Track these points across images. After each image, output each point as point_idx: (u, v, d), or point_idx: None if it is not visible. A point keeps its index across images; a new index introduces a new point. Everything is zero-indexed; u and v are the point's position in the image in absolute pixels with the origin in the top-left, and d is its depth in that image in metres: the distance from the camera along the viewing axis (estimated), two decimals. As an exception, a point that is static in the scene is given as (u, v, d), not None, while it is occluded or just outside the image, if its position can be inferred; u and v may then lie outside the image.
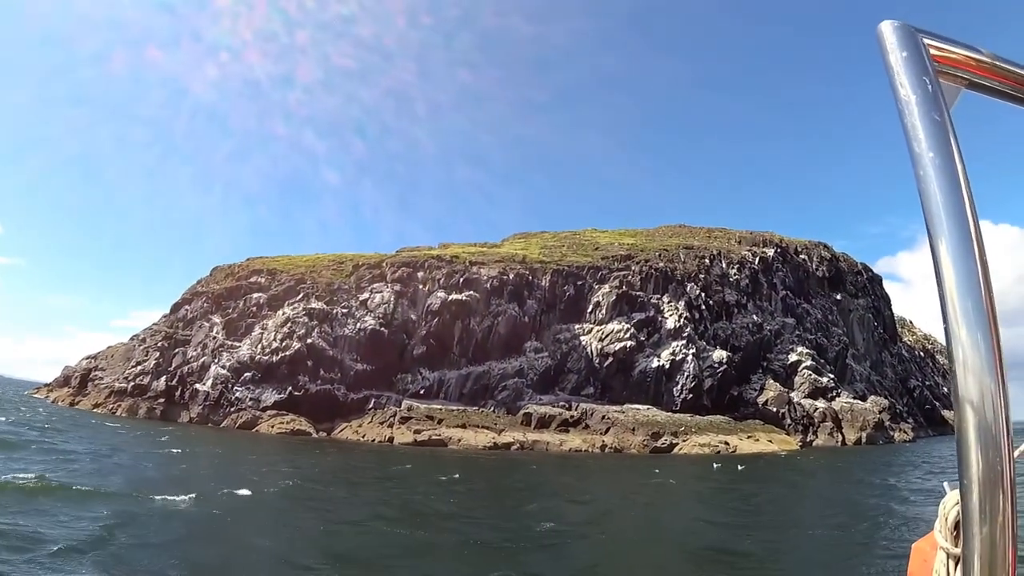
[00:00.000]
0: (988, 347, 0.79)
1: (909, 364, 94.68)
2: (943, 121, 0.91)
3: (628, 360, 60.55)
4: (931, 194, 0.86)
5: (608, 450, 48.85)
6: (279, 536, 14.99)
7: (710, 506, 23.39)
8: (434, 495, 21.86)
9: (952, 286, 0.81)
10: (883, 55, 0.97)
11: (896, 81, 0.95)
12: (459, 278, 59.00)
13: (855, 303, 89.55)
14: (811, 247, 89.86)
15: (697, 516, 20.44)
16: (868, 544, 16.05)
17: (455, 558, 13.68)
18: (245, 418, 49.92)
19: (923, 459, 46.93)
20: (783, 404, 66.37)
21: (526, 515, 18.83)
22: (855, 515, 20.20)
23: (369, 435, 48.46)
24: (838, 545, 16.34)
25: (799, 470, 40.74)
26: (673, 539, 17.28)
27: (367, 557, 13.37)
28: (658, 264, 69.61)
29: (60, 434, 33.49)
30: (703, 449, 50.30)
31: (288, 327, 54.32)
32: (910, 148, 0.90)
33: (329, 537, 15.00)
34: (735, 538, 16.38)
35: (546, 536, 15.93)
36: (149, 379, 53.34)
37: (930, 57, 0.97)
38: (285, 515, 17.44)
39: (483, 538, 15.43)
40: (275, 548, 13.78)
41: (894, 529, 17.91)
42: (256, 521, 16.61)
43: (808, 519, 20.99)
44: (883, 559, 14.28)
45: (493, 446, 46.75)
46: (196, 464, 27.30)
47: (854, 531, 17.63)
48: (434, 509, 19.36)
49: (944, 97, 0.94)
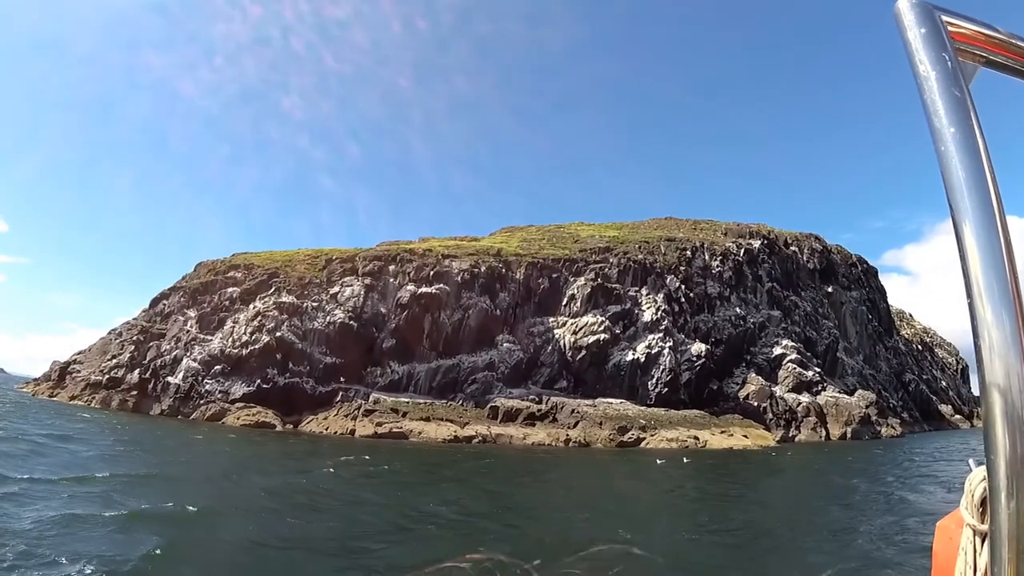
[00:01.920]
0: (1013, 326, 0.78)
1: (905, 358, 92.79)
2: (963, 97, 0.90)
3: (602, 353, 60.15)
4: (953, 169, 0.86)
5: (572, 444, 48.58)
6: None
7: (616, 502, 23.17)
8: (324, 482, 21.94)
9: (976, 264, 0.80)
10: (901, 32, 0.97)
11: (915, 58, 0.94)
12: (429, 271, 59.07)
13: (848, 295, 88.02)
14: (802, 239, 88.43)
15: (572, 514, 20.24)
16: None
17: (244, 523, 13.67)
18: (213, 410, 50.56)
19: (906, 457, 45.59)
20: (764, 398, 65.49)
21: (397, 505, 18.83)
22: (770, 523, 19.45)
23: (332, 428, 48.81)
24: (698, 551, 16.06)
25: (761, 466, 40.23)
26: (532, 534, 17.12)
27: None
28: (637, 256, 68.96)
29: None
30: (671, 444, 49.81)
31: (258, 321, 54.86)
32: (930, 124, 0.90)
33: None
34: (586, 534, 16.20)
35: (389, 531, 15.90)
36: (123, 372, 54.29)
37: (948, 34, 0.96)
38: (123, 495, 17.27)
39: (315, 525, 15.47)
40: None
41: (788, 546, 16.20)
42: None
43: (710, 521, 20.59)
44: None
45: (454, 439, 46.76)
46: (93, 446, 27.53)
47: (753, 545, 16.88)
48: (309, 492, 19.46)
49: (963, 74, 0.94)
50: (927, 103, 0.91)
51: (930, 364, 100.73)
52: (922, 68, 0.94)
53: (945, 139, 0.88)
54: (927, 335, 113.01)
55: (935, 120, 0.90)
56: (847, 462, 41.79)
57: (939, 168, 0.88)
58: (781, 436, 62.46)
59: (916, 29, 0.96)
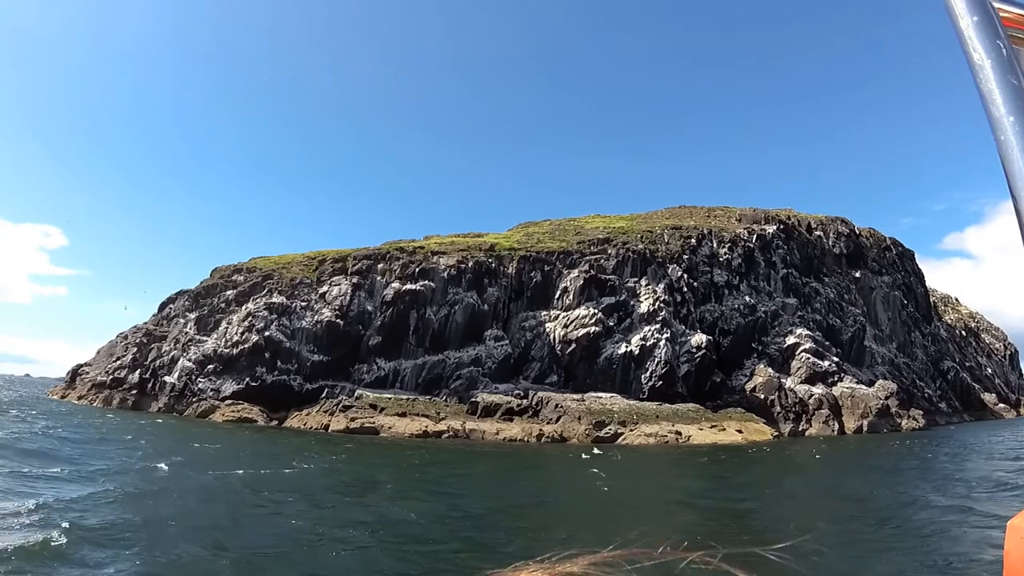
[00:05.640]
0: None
1: (946, 344, 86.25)
2: (1020, 85, 0.87)
3: (592, 346, 58.73)
4: (1013, 159, 0.83)
5: (546, 439, 47.66)
6: None
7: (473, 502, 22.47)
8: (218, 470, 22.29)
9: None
10: (953, 21, 0.95)
11: (968, 47, 0.91)
12: (415, 268, 59.26)
13: (879, 280, 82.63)
14: (827, 223, 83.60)
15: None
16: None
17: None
18: (204, 407, 52.54)
19: (913, 457, 41.12)
20: (772, 391, 62.41)
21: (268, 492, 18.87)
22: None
23: (310, 423, 49.79)
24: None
25: (723, 464, 38.17)
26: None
27: None
28: (637, 246, 66.89)
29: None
30: (648, 440, 48.12)
31: (249, 321, 56.54)
32: (988, 113, 0.87)
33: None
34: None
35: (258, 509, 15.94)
36: (125, 372, 57.22)
37: (1001, 21, 0.94)
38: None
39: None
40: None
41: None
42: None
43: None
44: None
45: (423, 434, 46.77)
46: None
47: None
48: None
49: (1018, 61, 0.91)
50: (984, 92, 0.88)
51: (975, 351, 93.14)
52: (976, 57, 0.90)
53: (1004, 128, 0.85)
54: (973, 320, 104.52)
55: (993, 109, 0.86)
56: (836, 460, 39.18)
57: (999, 157, 0.85)
58: (790, 430, 59.35)
59: (968, 17, 0.93)
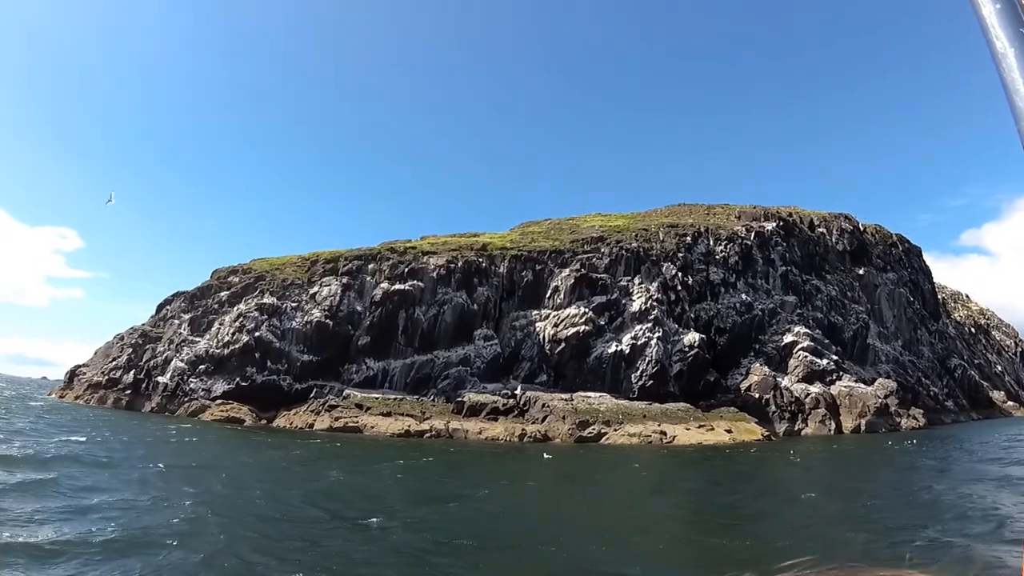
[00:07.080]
0: None
1: (953, 342, 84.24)
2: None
3: (582, 346, 58.36)
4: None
5: (528, 439, 47.44)
6: None
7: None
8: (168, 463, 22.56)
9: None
10: (975, 9, 0.94)
11: (991, 35, 0.90)
12: (404, 268, 59.45)
13: (884, 277, 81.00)
14: (830, 219, 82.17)
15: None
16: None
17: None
18: (195, 407, 53.23)
19: (896, 456, 40.24)
20: (768, 390, 61.55)
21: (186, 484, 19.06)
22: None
23: (296, 423, 50.18)
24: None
25: (687, 466, 37.68)
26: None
27: None
28: (631, 245, 66.39)
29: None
30: (632, 439, 47.66)
31: (240, 322, 57.17)
32: (1011, 103, 0.85)
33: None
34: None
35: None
36: (120, 373, 58.25)
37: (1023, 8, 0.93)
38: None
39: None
40: None
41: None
42: None
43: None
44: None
45: (404, 433, 46.88)
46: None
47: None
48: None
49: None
50: (1007, 81, 0.85)
51: (984, 348, 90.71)
52: (999, 45, 0.88)
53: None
54: (984, 316, 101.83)
55: (1016, 99, 0.84)
56: (811, 462, 38.42)
57: (1022, 146, 0.82)
58: (784, 430, 58.46)
59: (991, 5, 0.91)
